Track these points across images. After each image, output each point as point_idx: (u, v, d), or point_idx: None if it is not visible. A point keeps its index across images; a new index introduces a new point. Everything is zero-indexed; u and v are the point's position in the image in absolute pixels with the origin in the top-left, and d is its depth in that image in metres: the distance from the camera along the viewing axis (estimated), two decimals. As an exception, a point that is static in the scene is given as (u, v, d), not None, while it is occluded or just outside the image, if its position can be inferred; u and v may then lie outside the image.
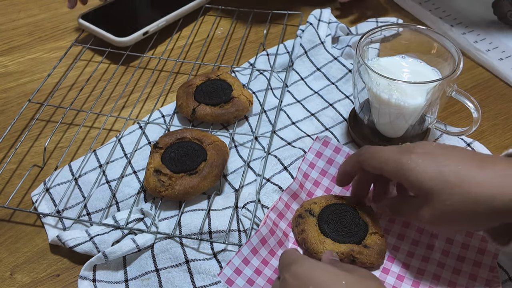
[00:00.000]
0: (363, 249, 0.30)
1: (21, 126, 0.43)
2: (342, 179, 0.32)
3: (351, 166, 0.31)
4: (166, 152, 0.36)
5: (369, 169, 0.29)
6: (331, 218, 0.32)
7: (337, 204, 0.32)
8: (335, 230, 0.31)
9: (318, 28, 0.48)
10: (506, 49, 0.48)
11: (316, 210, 0.32)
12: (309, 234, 0.31)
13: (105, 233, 0.33)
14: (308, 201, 0.33)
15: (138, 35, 0.48)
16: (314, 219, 0.32)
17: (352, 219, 0.31)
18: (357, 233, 0.31)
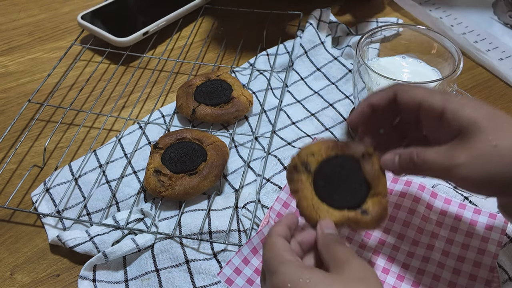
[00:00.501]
0: (360, 216, 0.26)
1: (21, 126, 0.43)
2: (357, 116, 0.27)
3: (379, 97, 0.26)
4: (166, 152, 0.36)
5: (406, 100, 0.25)
6: (329, 176, 0.27)
7: (338, 157, 0.27)
8: (332, 191, 0.26)
9: (318, 28, 0.48)
10: (506, 49, 0.48)
11: (313, 164, 0.27)
12: (303, 197, 0.27)
13: (105, 233, 0.33)
14: (306, 148, 0.28)
15: (138, 35, 0.48)
16: (309, 177, 0.27)
17: (353, 176, 0.26)
18: (357, 194, 0.26)
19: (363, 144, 0.27)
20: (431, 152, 0.24)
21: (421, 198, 0.34)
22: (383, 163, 0.26)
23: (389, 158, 0.26)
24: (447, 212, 0.34)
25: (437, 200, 0.34)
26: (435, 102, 0.24)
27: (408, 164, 0.25)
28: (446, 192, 0.35)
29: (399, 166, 0.25)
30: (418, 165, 0.24)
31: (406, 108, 0.25)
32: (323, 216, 0.26)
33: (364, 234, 0.33)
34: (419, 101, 0.25)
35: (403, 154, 0.25)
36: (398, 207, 0.34)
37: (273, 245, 0.24)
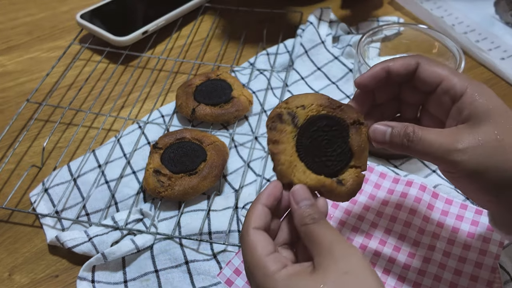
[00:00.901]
0: (335, 186, 0.24)
1: (20, 126, 0.43)
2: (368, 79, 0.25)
3: (400, 64, 0.24)
4: (166, 152, 0.36)
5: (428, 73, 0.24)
6: (315, 135, 0.25)
7: (328, 117, 0.25)
8: (314, 153, 0.25)
9: (319, 27, 0.48)
10: (507, 49, 0.48)
11: (301, 118, 0.25)
12: (282, 150, 0.25)
13: (104, 234, 0.33)
14: (297, 98, 0.26)
15: (137, 35, 0.48)
16: (294, 131, 0.25)
17: (339, 142, 0.25)
18: (338, 161, 0.25)
19: (356, 110, 0.25)
20: (431, 132, 0.23)
21: (422, 198, 0.34)
22: (373, 133, 0.24)
23: (380, 129, 0.24)
24: (448, 212, 0.33)
25: (438, 200, 0.34)
26: (458, 83, 0.23)
27: (401, 139, 0.23)
28: (447, 193, 0.34)
29: (390, 139, 0.24)
30: (413, 142, 0.23)
31: (425, 81, 0.24)
32: (299, 176, 0.24)
33: (364, 236, 0.32)
34: (443, 77, 0.24)
35: (396, 127, 0.24)
36: (399, 208, 0.33)
37: (252, 247, 0.22)
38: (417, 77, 0.25)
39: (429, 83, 0.24)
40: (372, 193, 0.35)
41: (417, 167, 0.38)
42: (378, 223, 0.33)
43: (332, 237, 0.22)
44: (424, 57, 0.25)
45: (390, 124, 0.24)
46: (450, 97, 0.24)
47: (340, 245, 0.21)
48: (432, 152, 0.23)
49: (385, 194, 0.35)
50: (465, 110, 0.23)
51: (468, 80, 0.23)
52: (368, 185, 0.35)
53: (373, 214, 0.34)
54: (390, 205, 0.34)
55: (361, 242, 0.32)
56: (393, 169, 0.37)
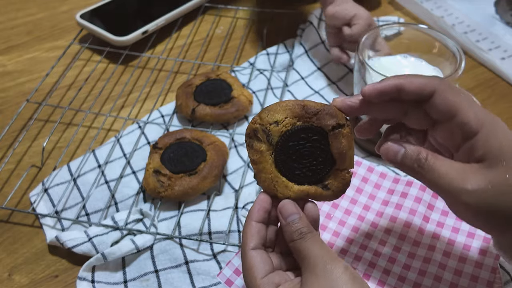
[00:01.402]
0: (320, 192, 0.24)
1: (20, 126, 0.42)
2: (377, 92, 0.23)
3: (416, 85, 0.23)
4: (166, 152, 0.36)
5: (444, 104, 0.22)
6: (293, 150, 0.24)
7: (304, 128, 0.24)
8: (294, 166, 0.24)
9: (319, 27, 0.48)
10: (508, 49, 0.48)
11: (275, 136, 0.24)
12: (261, 169, 0.25)
13: (104, 234, 0.33)
14: (270, 111, 0.25)
15: (137, 34, 0.48)
16: (270, 149, 0.25)
17: (318, 151, 0.24)
18: (320, 169, 0.24)
19: (334, 111, 0.24)
20: (444, 163, 0.22)
21: (422, 198, 0.34)
22: (385, 151, 0.24)
23: (393, 148, 0.23)
24: (448, 212, 0.33)
25: (438, 200, 0.34)
26: (474, 119, 0.22)
27: (412, 163, 0.23)
28: (447, 193, 0.34)
29: (401, 161, 0.23)
30: (424, 169, 0.22)
31: (439, 111, 0.23)
32: (281, 191, 0.24)
33: (366, 238, 0.32)
34: (458, 110, 0.22)
35: (410, 150, 0.23)
36: (399, 208, 0.33)
37: (249, 268, 0.23)
38: (432, 104, 0.23)
39: (443, 114, 0.23)
40: (372, 193, 0.35)
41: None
42: (378, 223, 0.33)
43: (317, 253, 0.22)
44: (442, 82, 0.23)
45: (404, 144, 0.23)
46: (464, 133, 0.23)
47: (322, 261, 0.22)
48: (440, 185, 0.22)
49: (385, 194, 0.35)
50: (479, 150, 0.22)
51: (483, 115, 0.23)
52: (368, 185, 0.35)
53: (373, 214, 0.34)
54: (390, 205, 0.34)
55: (361, 242, 0.32)
56: (393, 169, 0.37)
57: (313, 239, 0.23)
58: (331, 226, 0.33)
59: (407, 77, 0.24)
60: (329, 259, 0.22)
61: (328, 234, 0.33)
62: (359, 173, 0.36)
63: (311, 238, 0.23)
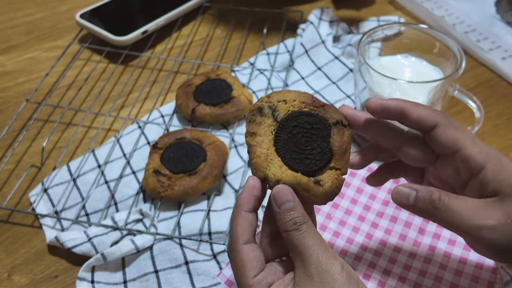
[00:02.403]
0: (312, 185, 0.23)
1: (19, 126, 0.42)
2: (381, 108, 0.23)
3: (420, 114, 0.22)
4: (166, 152, 0.36)
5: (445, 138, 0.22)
6: (295, 132, 0.24)
7: (310, 114, 0.24)
8: (292, 149, 0.23)
9: (319, 27, 0.48)
10: (509, 48, 0.48)
11: (281, 112, 0.24)
12: (258, 143, 0.23)
13: (103, 234, 0.33)
14: (280, 93, 0.25)
15: (137, 34, 0.48)
16: (273, 124, 0.24)
17: (319, 141, 0.24)
18: (316, 161, 0.23)
19: (339, 112, 0.24)
20: (459, 201, 0.22)
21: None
22: (396, 195, 0.23)
23: (404, 191, 0.23)
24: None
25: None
26: (478, 155, 0.22)
27: (426, 205, 0.22)
28: (448, 193, 0.34)
29: (414, 204, 0.23)
30: (440, 210, 0.22)
31: (441, 145, 0.23)
32: (274, 171, 0.23)
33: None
34: (461, 146, 0.22)
35: (421, 192, 0.23)
36: (399, 208, 0.33)
37: (241, 266, 0.22)
38: (434, 137, 0.23)
39: (446, 147, 0.23)
40: (372, 193, 0.35)
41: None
42: (378, 223, 0.33)
43: (311, 249, 0.21)
44: (446, 117, 0.23)
45: (414, 186, 0.23)
46: (470, 168, 0.22)
47: (317, 259, 0.21)
48: (459, 225, 0.22)
49: (385, 194, 0.35)
50: (490, 185, 0.22)
51: (487, 149, 0.23)
52: (368, 185, 0.35)
53: (373, 214, 0.34)
54: (390, 205, 0.34)
55: (361, 243, 0.32)
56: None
57: (308, 231, 0.21)
58: (331, 226, 0.33)
59: (412, 103, 0.23)
60: (325, 258, 0.21)
61: (328, 234, 0.33)
62: (359, 173, 0.36)
63: (306, 230, 0.21)
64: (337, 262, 0.21)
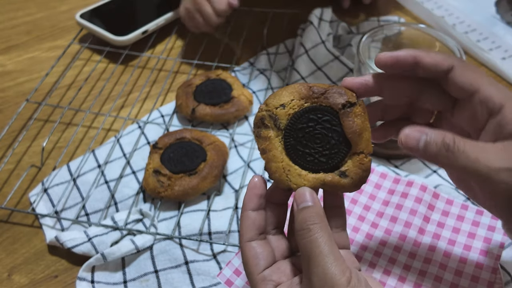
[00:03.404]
0: (337, 179, 0.22)
1: (19, 126, 0.42)
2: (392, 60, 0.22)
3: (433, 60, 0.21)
4: (166, 152, 0.36)
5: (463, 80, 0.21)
6: (303, 133, 0.23)
7: (312, 109, 0.23)
8: (306, 151, 0.23)
9: (319, 27, 0.48)
10: (508, 48, 0.48)
11: (282, 120, 0.23)
12: (271, 158, 0.23)
13: (103, 234, 0.33)
14: (275, 96, 0.23)
15: (137, 34, 0.48)
16: (279, 134, 0.23)
17: (331, 132, 0.22)
18: (335, 153, 0.22)
19: (343, 90, 0.23)
20: (475, 144, 0.20)
21: (423, 199, 0.33)
22: (405, 138, 0.21)
23: (412, 135, 0.21)
24: (449, 213, 0.33)
25: (439, 200, 0.34)
26: (497, 94, 0.21)
27: (439, 149, 0.20)
28: (448, 193, 0.34)
29: (425, 147, 0.21)
30: (454, 154, 0.20)
31: (460, 87, 0.21)
32: (295, 181, 0.22)
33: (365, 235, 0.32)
34: (480, 85, 0.21)
35: (434, 135, 0.21)
36: (399, 208, 0.33)
37: (245, 262, 0.22)
38: (451, 80, 0.22)
39: (464, 90, 0.21)
40: (372, 193, 0.35)
41: (417, 167, 0.38)
42: (378, 223, 0.33)
43: (319, 258, 0.20)
44: (459, 59, 0.22)
45: (424, 130, 0.21)
46: (487, 110, 0.21)
47: (323, 272, 0.19)
48: (476, 168, 0.20)
49: (385, 194, 0.35)
50: (507, 126, 0.21)
51: (505, 91, 0.21)
52: (368, 186, 0.35)
53: (373, 214, 0.34)
54: (390, 205, 0.34)
55: (361, 243, 0.32)
56: (394, 169, 0.37)
57: (319, 237, 0.20)
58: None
59: (423, 51, 0.22)
60: (331, 271, 0.19)
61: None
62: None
63: (317, 233, 0.20)
64: (344, 278, 0.19)
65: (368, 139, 0.22)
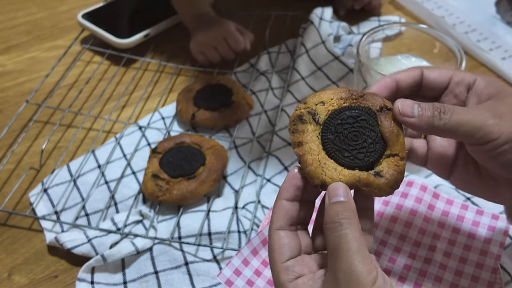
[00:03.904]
0: (372, 179, 0.22)
1: (19, 126, 0.42)
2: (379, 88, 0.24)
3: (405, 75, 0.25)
4: (165, 156, 0.36)
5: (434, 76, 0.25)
6: (341, 129, 0.23)
7: (351, 108, 0.23)
8: (343, 147, 0.23)
9: (320, 26, 0.48)
10: (509, 48, 0.48)
11: (322, 115, 0.23)
12: (307, 151, 0.23)
13: (103, 235, 0.33)
14: (315, 96, 0.24)
15: (139, 37, 0.48)
16: (317, 128, 0.23)
17: (368, 132, 0.23)
18: (371, 152, 0.23)
19: (381, 96, 0.24)
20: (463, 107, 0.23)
21: (423, 199, 0.33)
22: (401, 105, 0.23)
23: (406, 103, 0.23)
24: (449, 213, 0.33)
25: (439, 201, 0.34)
26: (467, 75, 0.25)
27: (432, 112, 0.22)
28: (448, 193, 0.34)
29: (419, 114, 0.22)
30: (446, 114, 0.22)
31: (435, 82, 0.24)
32: (330, 175, 0.22)
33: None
34: (451, 74, 0.25)
35: (423, 104, 0.23)
36: (399, 208, 0.33)
37: (271, 250, 0.22)
38: (426, 82, 0.25)
39: (440, 82, 0.25)
40: (372, 194, 0.35)
41: (417, 167, 0.38)
42: (378, 223, 0.33)
43: (346, 255, 0.20)
44: (425, 66, 0.25)
45: (415, 101, 0.23)
46: (465, 86, 0.24)
47: (349, 268, 0.19)
48: (467, 122, 0.22)
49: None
50: (484, 92, 0.24)
51: (473, 72, 0.25)
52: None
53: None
54: (390, 205, 0.34)
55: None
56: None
57: (349, 233, 0.20)
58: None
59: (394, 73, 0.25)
60: (358, 269, 0.19)
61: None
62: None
63: (346, 230, 0.20)
64: (370, 277, 0.19)
65: (403, 143, 0.23)
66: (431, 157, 0.27)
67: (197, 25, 0.46)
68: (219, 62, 0.46)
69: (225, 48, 0.45)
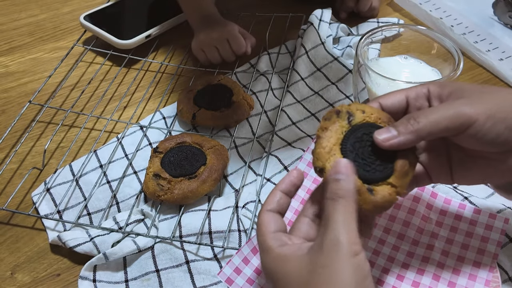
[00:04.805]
0: (364, 191, 0.23)
1: (22, 126, 0.43)
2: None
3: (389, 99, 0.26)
4: (166, 156, 0.36)
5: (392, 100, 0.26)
6: (365, 139, 0.24)
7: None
8: (356, 153, 0.24)
9: (319, 28, 0.48)
10: (506, 50, 0.48)
11: (357, 119, 0.25)
12: (327, 137, 0.24)
13: (105, 234, 0.33)
14: (360, 104, 0.26)
15: (141, 38, 0.48)
16: (346, 127, 0.25)
17: (384, 157, 0.24)
18: (376, 171, 0.24)
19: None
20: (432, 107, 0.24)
21: (421, 198, 0.34)
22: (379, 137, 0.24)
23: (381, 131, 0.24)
24: (447, 212, 0.34)
25: (437, 200, 0.34)
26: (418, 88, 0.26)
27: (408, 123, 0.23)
28: (446, 192, 0.35)
29: (399, 132, 0.23)
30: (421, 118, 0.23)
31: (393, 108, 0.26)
32: (331, 165, 0.24)
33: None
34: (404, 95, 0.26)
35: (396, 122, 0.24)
36: (398, 207, 0.34)
37: (259, 226, 0.24)
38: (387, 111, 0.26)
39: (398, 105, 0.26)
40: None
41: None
42: (377, 222, 0.33)
43: (336, 225, 0.21)
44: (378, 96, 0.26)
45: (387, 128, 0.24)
46: (423, 98, 0.26)
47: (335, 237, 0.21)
48: (444, 115, 0.23)
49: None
50: (443, 93, 0.25)
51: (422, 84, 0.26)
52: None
53: (372, 214, 0.34)
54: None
55: (360, 242, 0.32)
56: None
57: (343, 207, 0.22)
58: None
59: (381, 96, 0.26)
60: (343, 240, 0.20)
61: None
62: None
63: (342, 204, 0.22)
64: (351, 249, 0.20)
65: (407, 183, 0.24)
66: (430, 172, 0.28)
67: (201, 24, 0.47)
68: (219, 63, 0.47)
69: (226, 49, 0.45)
